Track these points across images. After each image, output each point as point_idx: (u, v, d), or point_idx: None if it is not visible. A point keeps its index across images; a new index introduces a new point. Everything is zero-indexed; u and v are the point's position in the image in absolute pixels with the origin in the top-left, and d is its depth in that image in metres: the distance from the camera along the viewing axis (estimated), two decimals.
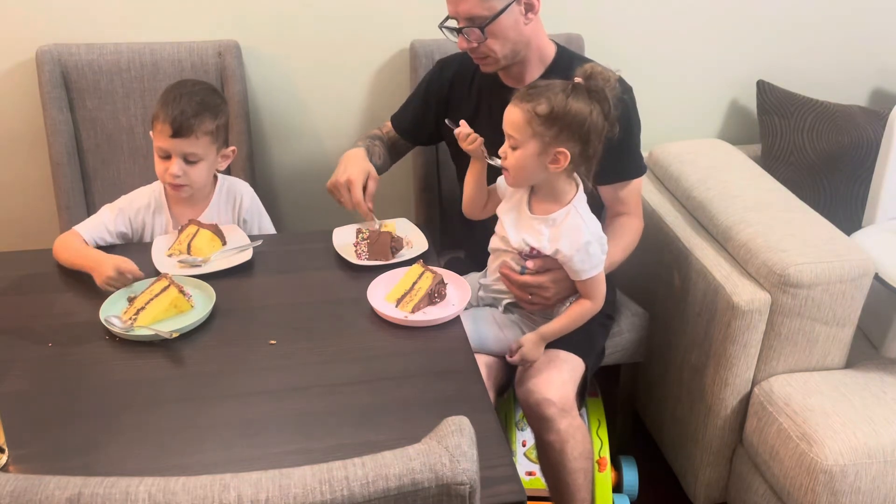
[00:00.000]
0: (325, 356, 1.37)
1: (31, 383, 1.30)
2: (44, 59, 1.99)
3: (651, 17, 2.29)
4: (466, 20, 1.62)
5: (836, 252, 1.69)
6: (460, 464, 0.82)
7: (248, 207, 1.82)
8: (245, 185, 1.86)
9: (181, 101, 1.65)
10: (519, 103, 1.45)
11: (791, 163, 2.18)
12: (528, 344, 1.55)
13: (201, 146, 1.66)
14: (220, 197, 1.80)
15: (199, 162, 1.68)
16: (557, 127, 1.42)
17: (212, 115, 1.67)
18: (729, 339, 1.72)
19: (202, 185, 1.73)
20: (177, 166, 1.66)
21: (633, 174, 1.74)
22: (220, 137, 1.72)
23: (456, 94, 1.84)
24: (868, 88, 2.52)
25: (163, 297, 1.45)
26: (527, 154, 1.46)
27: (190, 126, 1.63)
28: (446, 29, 1.68)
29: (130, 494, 0.77)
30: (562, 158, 1.45)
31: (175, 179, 1.67)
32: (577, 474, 1.60)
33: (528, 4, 1.63)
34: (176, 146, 1.64)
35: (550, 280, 1.55)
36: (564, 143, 1.44)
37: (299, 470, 0.80)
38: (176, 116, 1.63)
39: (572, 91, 1.43)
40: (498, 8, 1.60)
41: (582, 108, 1.42)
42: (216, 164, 1.74)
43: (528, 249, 1.54)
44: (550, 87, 1.45)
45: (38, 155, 2.13)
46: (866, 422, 1.61)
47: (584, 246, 1.50)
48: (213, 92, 1.75)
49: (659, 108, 2.37)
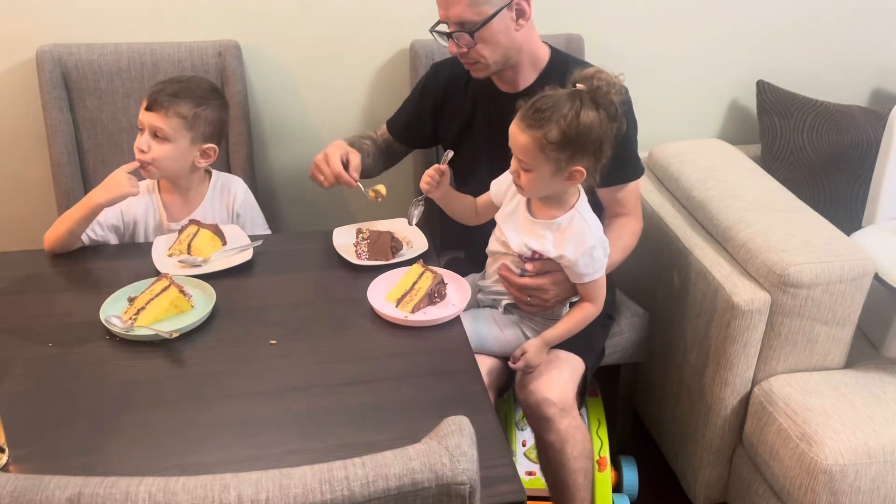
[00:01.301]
0: (325, 356, 1.37)
1: (31, 383, 1.30)
2: (44, 59, 1.99)
3: (651, 17, 2.29)
4: (456, 25, 1.61)
5: (836, 252, 1.69)
6: (460, 464, 0.82)
7: (241, 202, 1.84)
8: (239, 180, 1.88)
9: (168, 83, 1.72)
10: (527, 129, 1.40)
11: (791, 163, 2.18)
12: (531, 350, 1.55)
13: (171, 126, 1.69)
14: (215, 192, 1.83)
15: (167, 142, 1.70)
16: (571, 149, 1.39)
17: (191, 102, 1.71)
18: (729, 339, 1.72)
19: (169, 171, 1.74)
20: (143, 139, 1.70)
21: (630, 177, 1.73)
22: (199, 129, 1.73)
23: (450, 98, 1.84)
24: (868, 88, 2.52)
25: (163, 297, 1.45)
26: (541, 175, 1.43)
27: (163, 102, 1.69)
28: (437, 33, 1.67)
29: (130, 494, 0.77)
30: (577, 176, 1.43)
31: (140, 153, 1.70)
32: (577, 474, 1.60)
33: (519, 10, 1.62)
34: (147, 119, 1.70)
35: (550, 282, 1.55)
36: (579, 162, 1.42)
37: (299, 470, 0.80)
38: (155, 91, 1.71)
39: (580, 104, 1.39)
40: (488, 13, 1.58)
41: (592, 120, 1.38)
42: (190, 154, 1.74)
43: (531, 253, 1.54)
44: (556, 106, 1.39)
45: (39, 155, 2.13)
46: (866, 422, 1.61)
47: (589, 251, 1.49)
48: (210, 88, 1.79)
49: (659, 108, 2.37)
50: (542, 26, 1.73)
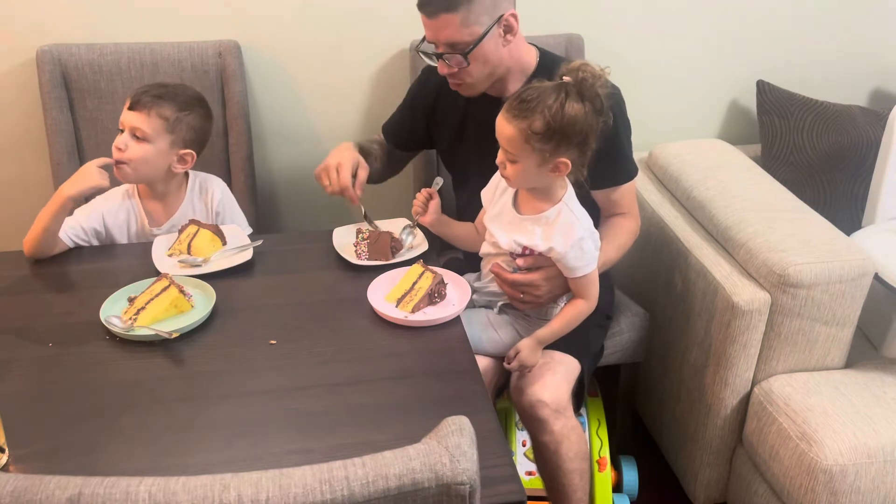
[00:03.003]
0: (325, 356, 1.37)
1: (31, 383, 1.30)
2: (44, 59, 2.00)
3: (651, 17, 2.29)
4: (447, 46, 1.60)
5: (836, 252, 1.69)
6: (460, 464, 0.82)
7: (219, 200, 1.83)
8: (217, 179, 1.88)
9: (154, 86, 1.74)
10: (512, 119, 1.41)
11: (791, 163, 2.18)
12: (525, 349, 1.55)
13: (151, 126, 1.69)
14: (193, 193, 1.83)
15: (145, 143, 1.69)
16: (556, 140, 1.40)
17: (174, 106, 1.71)
18: (729, 339, 1.72)
19: (144, 173, 1.73)
20: (122, 138, 1.71)
21: (624, 178, 1.72)
22: (180, 133, 1.72)
23: (442, 103, 1.83)
24: (868, 88, 2.52)
25: (163, 297, 1.45)
26: (526, 167, 1.44)
27: (146, 102, 1.69)
28: (424, 53, 1.66)
29: (130, 494, 0.77)
30: (563, 167, 1.44)
31: (117, 152, 1.70)
32: (573, 475, 1.60)
33: (507, 27, 1.61)
34: (128, 118, 1.70)
35: (542, 278, 1.55)
36: (564, 154, 1.42)
37: (299, 470, 0.80)
38: (139, 92, 1.71)
39: (565, 96, 1.40)
40: (479, 32, 1.57)
41: (577, 112, 1.39)
42: (167, 158, 1.73)
43: (520, 249, 1.54)
44: (541, 97, 1.40)
45: (39, 155, 2.13)
46: (866, 422, 1.61)
47: (578, 242, 1.49)
48: (195, 96, 1.78)
49: (659, 108, 2.37)
50: (542, 26, 1.73)
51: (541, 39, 1.88)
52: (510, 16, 1.61)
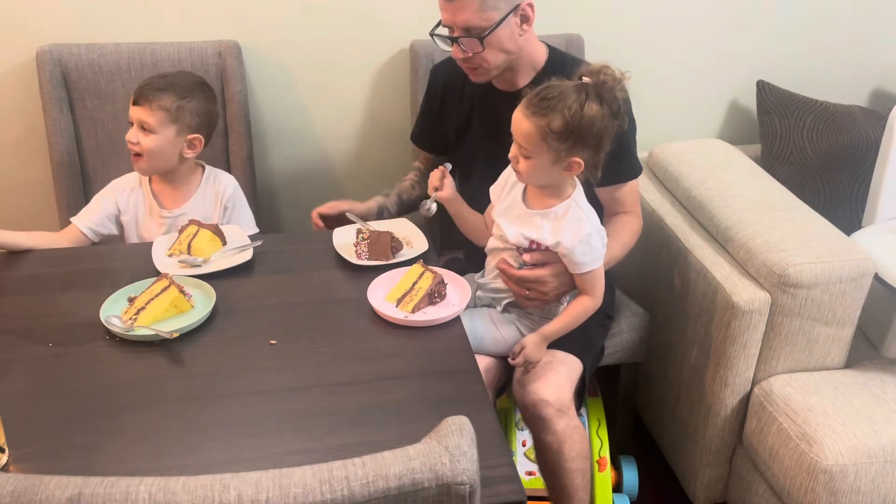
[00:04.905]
0: (325, 356, 1.37)
1: (31, 383, 1.30)
2: (44, 59, 1.99)
3: (651, 17, 2.29)
4: (463, 30, 1.60)
5: (836, 252, 1.69)
6: (460, 464, 0.82)
7: (230, 196, 1.89)
8: (230, 177, 1.93)
9: (156, 77, 1.81)
10: (531, 116, 1.42)
11: (791, 163, 2.18)
12: (530, 345, 1.55)
13: (155, 118, 1.75)
14: (208, 184, 1.88)
15: (153, 134, 1.75)
16: (572, 140, 1.41)
17: (175, 95, 1.76)
18: (729, 339, 1.72)
19: (159, 162, 1.80)
20: (132, 132, 1.77)
21: (628, 176, 1.73)
22: (184, 120, 1.78)
23: (448, 100, 1.84)
24: (868, 88, 2.52)
25: (163, 297, 1.45)
26: (540, 163, 1.45)
27: (148, 96, 1.75)
28: (438, 37, 1.67)
29: (130, 494, 0.77)
30: (576, 167, 1.45)
31: (131, 145, 1.77)
32: (575, 475, 1.60)
33: (523, 16, 1.62)
34: (135, 113, 1.76)
35: (548, 274, 1.55)
36: (578, 154, 1.43)
37: (299, 470, 0.80)
38: (142, 86, 1.77)
39: (585, 97, 1.41)
40: (496, 19, 1.58)
41: (595, 114, 1.40)
42: (176, 145, 1.79)
43: (528, 243, 1.54)
44: (562, 96, 1.41)
45: (39, 155, 2.13)
46: (866, 422, 1.61)
47: (586, 237, 1.49)
48: (196, 81, 1.83)
49: (659, 108, 2.37)
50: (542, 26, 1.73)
51: (541, 39, 1.88)
52: (527, 5, 1.61)
